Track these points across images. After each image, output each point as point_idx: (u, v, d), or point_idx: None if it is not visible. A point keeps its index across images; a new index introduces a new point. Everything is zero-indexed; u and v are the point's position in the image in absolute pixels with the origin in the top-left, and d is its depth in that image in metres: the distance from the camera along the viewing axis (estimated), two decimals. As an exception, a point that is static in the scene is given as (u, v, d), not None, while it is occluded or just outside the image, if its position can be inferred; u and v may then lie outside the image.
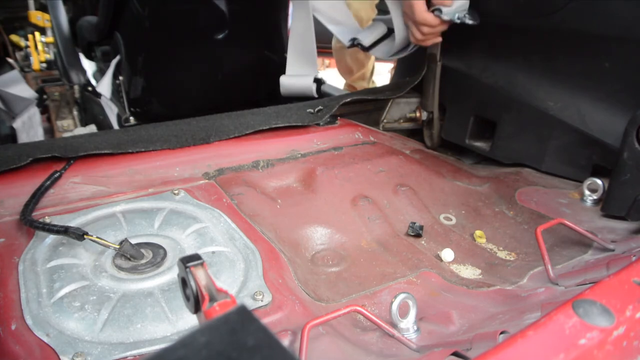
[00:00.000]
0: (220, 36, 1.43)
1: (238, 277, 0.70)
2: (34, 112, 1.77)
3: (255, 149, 1.04)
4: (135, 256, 0.68)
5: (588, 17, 0.96)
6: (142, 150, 0.95)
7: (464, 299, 0.74)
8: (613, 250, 0.80)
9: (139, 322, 0.61)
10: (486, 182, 1.09)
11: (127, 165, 0.92)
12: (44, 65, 2.52)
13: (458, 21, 1.02)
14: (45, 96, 2.01)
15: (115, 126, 1.56)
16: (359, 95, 1.26)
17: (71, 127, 1.97)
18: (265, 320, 0.63)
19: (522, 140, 1.11)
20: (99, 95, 1.62)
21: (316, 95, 1.42)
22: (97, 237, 0.69)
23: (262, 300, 0.66)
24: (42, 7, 2.59)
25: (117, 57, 1.49)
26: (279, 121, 1.10)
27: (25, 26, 2.72)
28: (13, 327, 0.59)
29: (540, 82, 1.06)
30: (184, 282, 0.45)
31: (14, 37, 2.68)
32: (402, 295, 0.64)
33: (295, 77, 1.44)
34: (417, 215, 0.97)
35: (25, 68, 2.50)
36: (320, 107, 1.19)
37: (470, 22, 1.01)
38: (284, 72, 1.58)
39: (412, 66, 1.32)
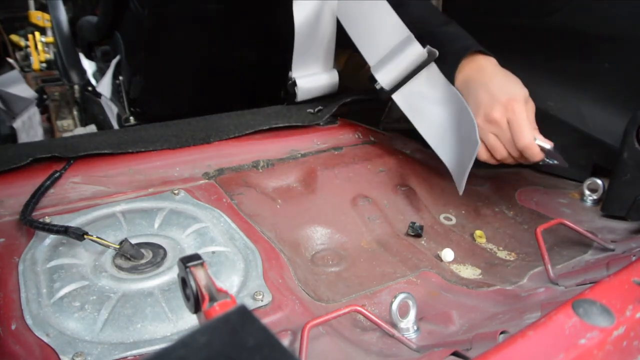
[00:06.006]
0: (221, 36, 1.42)
1: (238, 277, 0.70)
2: (34, 112, 1.77)
3: (255, 149, 1.04)
4: (135, 256, 0.68)
5: (588, 17, 0.96)
6: (142, 150, 0.95)
7: (464, 299, 0.74)
8: (613, 250, 0.80)
9: (139, 322, 0.61)
10: (486, 182, 1.09)
11: (127, 165, 0.92)
12: (44, 65, 2.52)
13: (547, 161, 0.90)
14: (45, 96, 2.01)
15: (115, 126, 1.56)
16: (359, 96, 1.26)
17: (71, 127, 1.97)
18: (265, 320, 0.63)
19: (522, 140, 1.10)
20: (99, 95, 1.62)
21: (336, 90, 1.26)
22: (97, 237, 0.69)
23: (262, 300, 0.66)
24: (42, 7, 2.59)
25: (117, 57, 1.49)
26: (279, 121, 1.10)
27: (25, 26, 2.73)
28: (13, 327, 0.59)
29: (540, 82, 1.06)
30: (184, 282, 0.45)
31: (14, 37, 2.68)
32: (402, 295, 0.64)
33: (315, 76, 1.24)
34: (417, 215, 0.97)
35: (25, 68, 2.50)
36: (320, 107, 1.19)
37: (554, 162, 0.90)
38: (284, 72, 1.58)
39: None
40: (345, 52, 1.81)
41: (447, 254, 0.85)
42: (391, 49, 1.02)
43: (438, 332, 0.65)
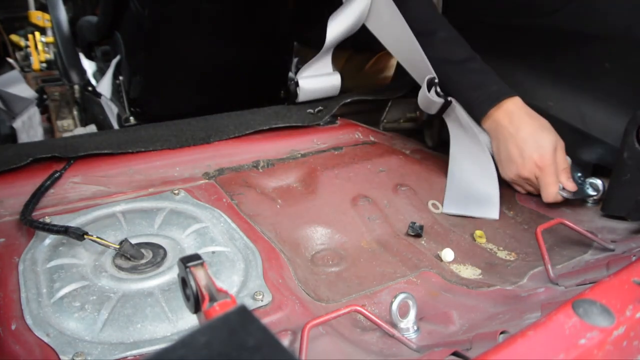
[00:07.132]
0: (221, 36, 1.42)
1: (238, 277, 0.70)
2: (34, 112, 1.77)
3: (255, 149, 1.04)
4: (135, 256, 0.68)
5: (588, 17, 0.96)
6: (142, 150, 0.95)
7: (464, 299, 0.74)
8: (613, 250, 0.80)
9: (139, 322, 0.61)
10: (486, 182, 1.09)
11: (127, 165, 0.92)
12: (44, 65, 2.52)
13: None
14: (45, 96, 2.01)
15: (115, 126, 1.56)
16: (359, 96, 1.26)
17: (71, 127, 1.97)
18: (265, 320, 0.63)
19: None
20: (99, 95, 1.62)
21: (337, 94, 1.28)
22: (97, 237, 0.69)
23: (262, 300, 0.66)
24: (42, 7, 2.59)
25: (117, 57, 1.49)
26: (279, 121, 1.10)
27: (25, 26, 2.73)
28: (13, 327, 0.59)
29: (540, 82, 1.06)
30: (184, 282, 0.45)
31: (14, 37, 2.68)
32: (402, 295, 0.64)
33: (319, 78, 1.22)
34: (417, 215, 0.97)
35: (25, 68, 2.50)
36: (320, 108, 1.19)
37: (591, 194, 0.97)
38: (284, 72, 1.58)
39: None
40: (345, 52, 1.81)
41: (447, 254, 0.85)
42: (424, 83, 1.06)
43: (438, 332, 0.65)
